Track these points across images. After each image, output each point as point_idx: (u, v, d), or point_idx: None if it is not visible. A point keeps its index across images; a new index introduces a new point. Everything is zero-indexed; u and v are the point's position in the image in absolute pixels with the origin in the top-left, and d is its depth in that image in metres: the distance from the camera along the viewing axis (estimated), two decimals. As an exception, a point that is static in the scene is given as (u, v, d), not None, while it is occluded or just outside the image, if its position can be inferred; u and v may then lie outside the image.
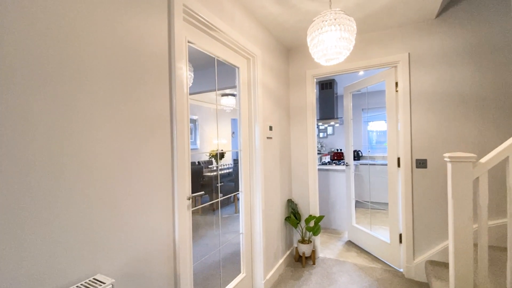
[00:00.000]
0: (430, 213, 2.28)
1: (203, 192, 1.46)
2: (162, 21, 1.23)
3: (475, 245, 2.04)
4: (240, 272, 2.06)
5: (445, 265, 2.14)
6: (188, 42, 1.51)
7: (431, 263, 2.20)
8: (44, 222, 0.79)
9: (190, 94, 1.84)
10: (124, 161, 1.03)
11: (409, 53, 2.34)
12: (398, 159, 2.47)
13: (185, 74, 1.38)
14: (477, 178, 1.35)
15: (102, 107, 0.96)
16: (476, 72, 2.12)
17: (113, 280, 0.88)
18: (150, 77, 1.16)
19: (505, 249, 1.99)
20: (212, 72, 1.86)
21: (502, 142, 2.05)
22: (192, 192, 1.48)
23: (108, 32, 0.98)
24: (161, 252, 1.20)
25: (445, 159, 1.38)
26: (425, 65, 2.29)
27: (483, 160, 1.33)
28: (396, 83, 2.45)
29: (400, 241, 2.47)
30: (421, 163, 2.30)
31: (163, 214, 1.22)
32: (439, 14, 2.23)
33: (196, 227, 2.86)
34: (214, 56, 1.79)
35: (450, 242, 1.39)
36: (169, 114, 1.25)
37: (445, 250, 2.22)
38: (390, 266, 2.57)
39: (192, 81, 1.90)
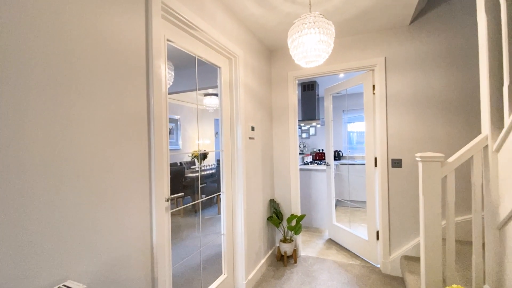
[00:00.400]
0: (405, 211, 2.39)
1: (182, 194, 1.44)
2: (139, 19, 1.20)
3: (444, 240, 2.16)
4: (221, 273, 2.05)
5: (418, 259, 2.25)
6: (167, 40, 1.48)
7: (406, 258, 2.30)
8: (9, 223, 0.74)
9: (171, 93, 1.81)
10: (98, 161, 1.00)
11: (385, 57, 2.44)
12: (375, 159, 2.57)
13: (163, 72, 1.36)
14: (445, 176, 1.44)
15: (77, 105, 0.91)
16: (446, 77, 2.25)
17: (85, 286, 0.84)
18: (126, 75, 1.12)
19: (472, 243, 2.12)
20: (193, 72, 1.83)
21: (468, 142, 2.19)
22: (173, 194, 1.45)
23: (83, 29, 0.94)
24: (138, 255, 1.17)
25: (417, 158, 1.45)
26: (400, 69, 2.40)
27: (450, 159, 1.41)
28: (373, 86, 2.55)
29: (377, 238, 2.57)
30: (397, 163, 2.40)
31: (140, 216, 1.19)
32: (412, 20, 2.34)
33: (177, 229, 2.80)
34: (194, 56, 1.77)
35: (421, 238, 1.46)
36: (146, 113, 1.22)
37: (418, 246, 2.33)
38: (368, 262, 2.66)
39: (172, 80, 1.87)
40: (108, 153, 1.04)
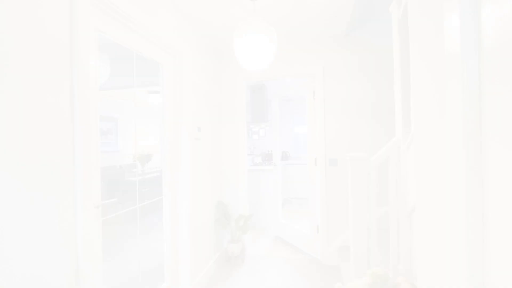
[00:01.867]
0: (340, 205, 2.65)
1: (115, 199, 1.32)
2: (61, 3, 1.06)
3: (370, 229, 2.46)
4: (164, 282, 1.95)
5: (351, 248, 2.51)
6: (99, 31, 1.34)
7: (341, 248, 2.55)
8: None
9: (107, 89, 1.65)
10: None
11: (323, 66, 2.67)
12: (316, 158, 2.78)
13: (92, 65, 1.23)
14: (369, 173, 1.64)
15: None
16: (373, 85, 2.58)
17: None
18: (43, 68, 0.98)
19: (391, 230, 2.46)
20: (136, 67, 1.71)
21: (389, 144, 2.54)
22: (110, 199, 1.32)
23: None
24: (58, 278, 1.03)
25: (346, 158, 1.62)
26: (336, 77, 2.65)
27: (372, 158, 1.62)
28: (314, 92, 2.76)
29: (318, 232, 2.78)
30: (333, 162, 2.64)
31: (60, 229, 1.04)
32: (347, 34, 2.61)
33: (114, 239, 2.55)
34: (132, 50, 1.64)
35: (350, 228, 1.64)
36: (69, 110, 1.08)
37: (351, 236, 2.60)
38: (310, 255, 2.85)
39: (108, 75, 1.70)
40: (16, 155, 0.89)
